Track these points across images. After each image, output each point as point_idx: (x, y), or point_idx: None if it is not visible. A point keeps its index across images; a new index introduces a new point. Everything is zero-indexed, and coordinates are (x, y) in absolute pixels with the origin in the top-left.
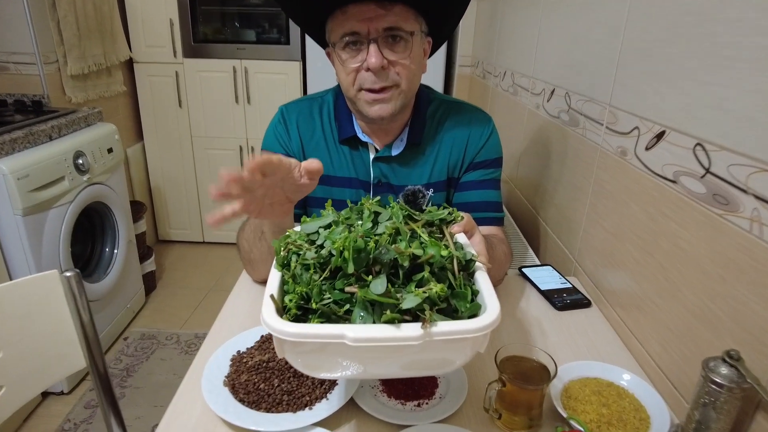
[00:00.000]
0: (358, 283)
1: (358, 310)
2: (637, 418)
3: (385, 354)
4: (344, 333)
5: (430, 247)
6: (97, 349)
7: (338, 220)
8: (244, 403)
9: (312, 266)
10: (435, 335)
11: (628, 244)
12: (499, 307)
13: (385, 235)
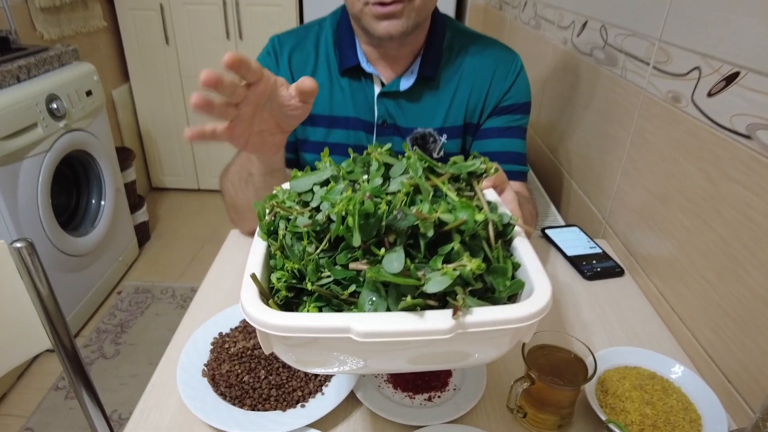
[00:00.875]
0: (367, 257)
1: (367, 292)
2: (686, 420)
3: (404, 350)
4: (350, 325)
5: (461, 209)
6: (62, 325)
7: (338, 174)
8: (225, 398)
9: (305, 235)
10: (470, 326)
11: (675, 208)
12: (551, 287)
13: (400, 195)
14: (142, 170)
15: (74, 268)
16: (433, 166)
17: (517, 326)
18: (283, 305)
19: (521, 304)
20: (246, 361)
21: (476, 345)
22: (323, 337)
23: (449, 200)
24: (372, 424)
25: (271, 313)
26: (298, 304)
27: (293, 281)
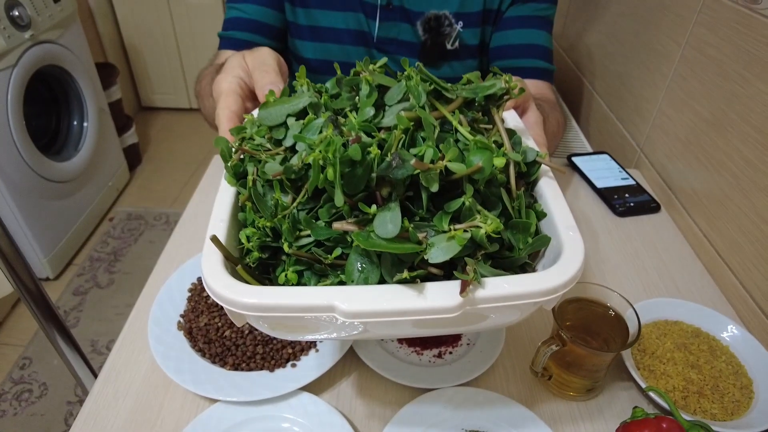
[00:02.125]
0: (355, 213)
1: (355, 257)
2: (737, 386)
3: (400, 329)
4: (334, 304)
5: (476, 152)
6: (22, 269)
7: (318, 102)
8: (204, 355)
9: (278, 185)
10: (481, 302)
11: (735, 137)
12: (583, 249)
13: (397, 133)
14: (129, 88)
15: (60, 195)
16: (440, 87)
17: (537, 300)
18: (257, 268)
19: (545, 274)
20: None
21: (489, 319)
22: (303, 316)
23: (460, 137)
24: (374, 385)
25: (239, 288)
26: (275, 265)
27: (267, 239)
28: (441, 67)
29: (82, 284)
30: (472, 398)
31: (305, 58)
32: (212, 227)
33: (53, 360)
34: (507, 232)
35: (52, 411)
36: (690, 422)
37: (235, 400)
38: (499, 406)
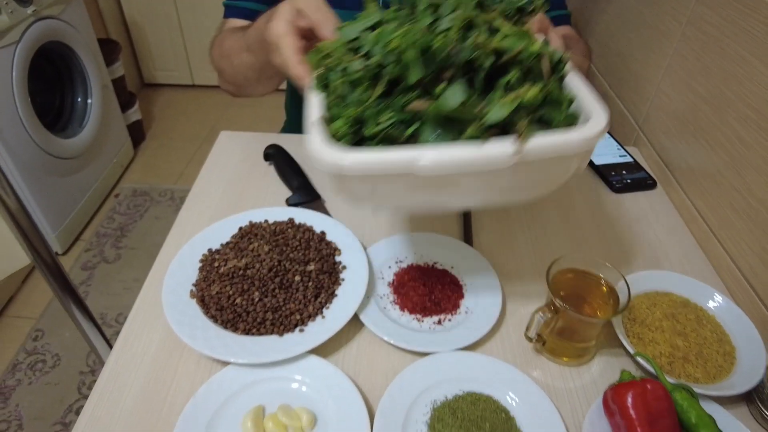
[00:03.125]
0: (424, 98)
1: (428, 129)
2: (720, 353)
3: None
4: (416, 158)
5: (517, 40)
6: (39, 241)
7: (386, 17)
8: (216, 321)
9: (361, 81)
10: (532, 151)
11: (732, 116)
12: (607, 113)
13: (454, 28)
14: (132, 65)
15: (67, 172)
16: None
17: (579, 150)
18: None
19: (579, 130)
20: (238, 282)
21: (538, 173)
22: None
23: (505, 32)
24: (377, 348)
25: (344, 152)
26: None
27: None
28: None
29: (89, 259)
30: (469, 362)
31: None
32: (311, 117)
33: (65, 332)
34: (545, 109)
35: (66, 380)
36: (673, 385)
37: (247, 362)
38: (495, 369)
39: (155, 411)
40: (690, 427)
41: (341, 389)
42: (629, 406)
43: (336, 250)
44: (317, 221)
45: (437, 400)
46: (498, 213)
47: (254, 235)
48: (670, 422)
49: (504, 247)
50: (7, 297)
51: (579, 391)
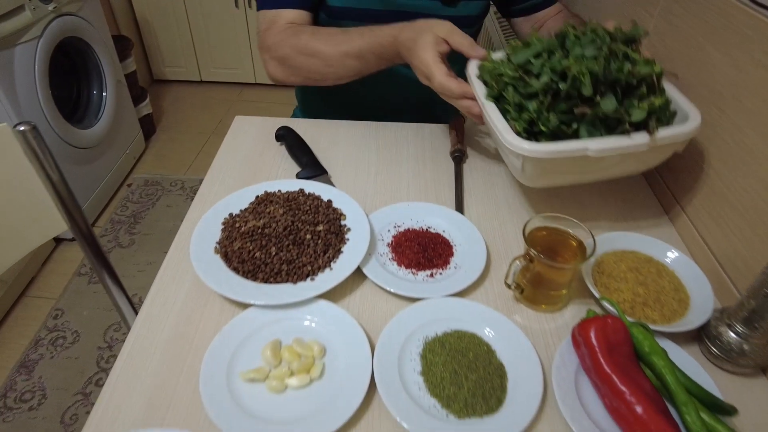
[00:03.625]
0: (582, 104)
1: (585, 127)
2: (675, 300)
3: (616, 160)
4: (587, 147)
5: (644, 65)
6: (75, 208)
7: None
8: (238, 272)
9: (536, 94)
10: (658, 140)
11: (694, 97)
12: (699, 113)
13: (601, 59)
14: (142, 61)
15: (83, 161)
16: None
17: (686, 138)
18: None
19: (688, 123)
20: (257, 239)
21: (657, 154)
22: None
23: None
24: (377, 296)
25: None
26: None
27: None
28: (458, 6)
29: (105, 244)
30: (457, 305)
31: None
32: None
33: (83, 311)
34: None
35: (85, 355)
36: (632, 322)
37: (265, 303)
38: (478, 312)
39: (186, 345)
40: (644, 355)
41: (347, 326)
42: (592, 337)
43: (341, 215)
44: (324, 191)
45: (428, 336)
46: (486, 187)
47: (269, 201)
48: (627, 350)
49: (490, 215)
50: (28, 279)
51: (552, 332)
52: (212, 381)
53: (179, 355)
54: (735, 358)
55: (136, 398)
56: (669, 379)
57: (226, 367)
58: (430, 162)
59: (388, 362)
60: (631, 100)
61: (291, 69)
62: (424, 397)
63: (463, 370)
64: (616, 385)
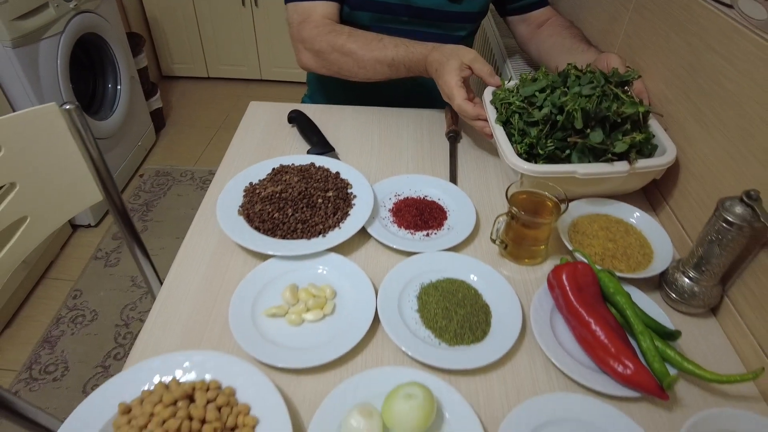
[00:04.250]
0: (575, 135)
1: (576, 153)
2: (641, 253)
3: (595, 182)
4: (576, 170)
5: (630, 106)
6: (110, 182)
7: (550, 84)
8: (259, 230)
9: (537, 123)
10: (638, 169)
11: (660, 82)
12: (675, 148)
13: (594, 97)
14: (151, 58)
15: None
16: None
17: (661, 168)
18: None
19: (663, 157)
20: (275, 202)
21: (636, 180)
22: (563, 176)
23: (622, 99)
24: (379, 252)
25: (533, 165)
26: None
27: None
28: (462, 3)
29: (119, 231)
30: (449, 258)
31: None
32: (502, 142)
33: (100, 292)
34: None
35: (103, 332)
36: (600, 269)
37: (283, 254)
38: (468, 263)
39: (214, 290)
40: (609, 296)
41: (354, 274)
42: (564, 278)
43: (348, 185)
44: (333, 165)
45: (424, 282)
46: (477, 163)
47: (285, 172)
48: (594, 290)
49: (480, 187)
50: (48, 262)
51: (533, 281)
52: (239, 316)
53: (208, 298)
54: (688, 300)
55: (173, 332)
56: (629, 313)
57: (251, 306)
58: (427, 142)
59: (389, 302)
60: (616, 134)
61: (324, 62)
62: (419, 329)
63: (453, 306)
64: (583, 317)
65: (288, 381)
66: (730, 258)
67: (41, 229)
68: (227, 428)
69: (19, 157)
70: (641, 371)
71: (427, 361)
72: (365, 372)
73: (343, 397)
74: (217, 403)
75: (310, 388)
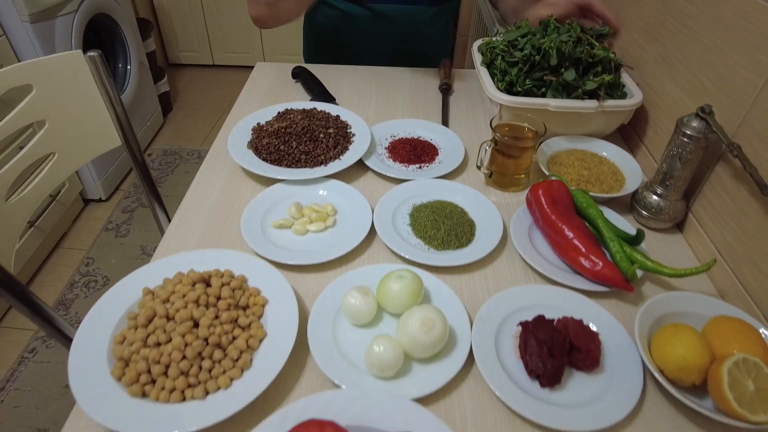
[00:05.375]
0: (550, 74)
1: (551, 91)
2: (613, 179)
3: (568, 118)
4: (548, 103)
5: (601, 49)
6: (128, 128)
7: (531, 31)
8: (266, 161)
9: (517, 63)
10: (606, 107)
11: (635, 32)
12: (641, 93)
13: (570, 43)
14: (159, 46)
15: None
16: (582, 27)
17: (629, 109)
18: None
19: (631, 99)
20: (281, 136)
21: (604, 120)
22: (537, 108)
23: (594, 45)
24: (376, 181)
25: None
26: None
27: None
28: None
29: (129, 204)
30: (439, 183)
31: None
32: (486, 83)
33: (111, 260)
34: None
35: None
36: (573, 189)
37: (289, 178)
38: (456, 187)
39: (226, 209)
40: (582, 209)
41: (353, 195)
42: (540, 193)
43: (348, 125)
44: (333, 109)
45: (416, 203)
46: (467, 112)
47: (289, 113)
48: (568, 203)
49: (470, 130)
50: (61, 233)
51: (514, 204)
52: (250, 226)
53: (222, 215)
54: (656, 215)
55: (189, 244)
56: (600, 223)
57: (260, 219)
58: (421, 95)
59: (384, 217)
60: (588, 75)
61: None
62: (411, 238)
63: (441, 218)
64: (556, 224)
65: (294, 278)
66: (690, 171)
67: (66, 166)
68: (240, 306)
69: (49, 97)
70: (609, 266)
71: (418, 260)
72: (363, 267)
73: (343, 283)
74: (231, 286)
75: (313, 283)
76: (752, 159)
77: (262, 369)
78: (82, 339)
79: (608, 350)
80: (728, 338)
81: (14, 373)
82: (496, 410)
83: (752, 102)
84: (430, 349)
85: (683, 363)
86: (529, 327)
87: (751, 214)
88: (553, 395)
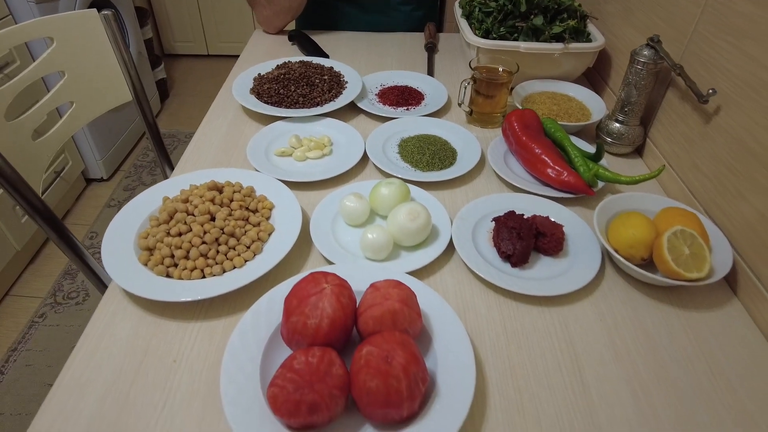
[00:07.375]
0: (522, 20)
1: (522, 36)
2: (580, 113)
3: (537, 59)
4: (519, 45)
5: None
6: (139, 84)
7: None
8: (268, 103)
9: (491, 13)
10: (570, 49)
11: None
12: (603, 38)
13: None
14: (154, 35)
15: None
16: None
17: (592, 51)
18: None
19: (591, 44)
20: (281, 81)
21: (570, 62)
22: (509, 49)
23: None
24: (367, 122)
25: (483, 39)
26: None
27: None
28: None
29: (130, 183)
30: (425, 119)
31: None
32: (465, 30)
33: None
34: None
35: None
36: (543, 117)
37: (289, 115)
38: (440, 123)
39: (233, 141)
40: (551, 134)
41: (347, 130)
42: (513, 121)
43: (341, 74)
44: (327, 62)
45: (404, 137)
46: (450, 67)
47: (287, 64)
48: (538, 128)
49: (454, 81)
50: (65, 210)
51: (492, 138)
52: (255, 152)
53: (229, 149)
54: (618, 140)
55: (202, 166)
56: (566, 143)
57: (264, 149)
58: (408, 55)
59: (375, 147)
60: (555, 22)
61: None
62: (400, 162)
63: (425, 145)
64: (527, 144)
65: (295, 194)
66: (645, 97)
67: (84, 114)
68: (250, 210)
69: (68, 50)
70: (573, 174)
71: (405, 176)
72: (357, 182)
73: (341, 193)
74: (243, 193)
75: (314, 199)
76: (693, 77)
77: (271, 254)
78: (111, 237)
79: (571, 239)
80: (672, 221)
81: (25, 335)
82: (473, 285)
83: (692, 30)
84: (415, 236)
85: (633, 240)
86: (501, 219)
87: (693, 125)
88: (523, 273)
